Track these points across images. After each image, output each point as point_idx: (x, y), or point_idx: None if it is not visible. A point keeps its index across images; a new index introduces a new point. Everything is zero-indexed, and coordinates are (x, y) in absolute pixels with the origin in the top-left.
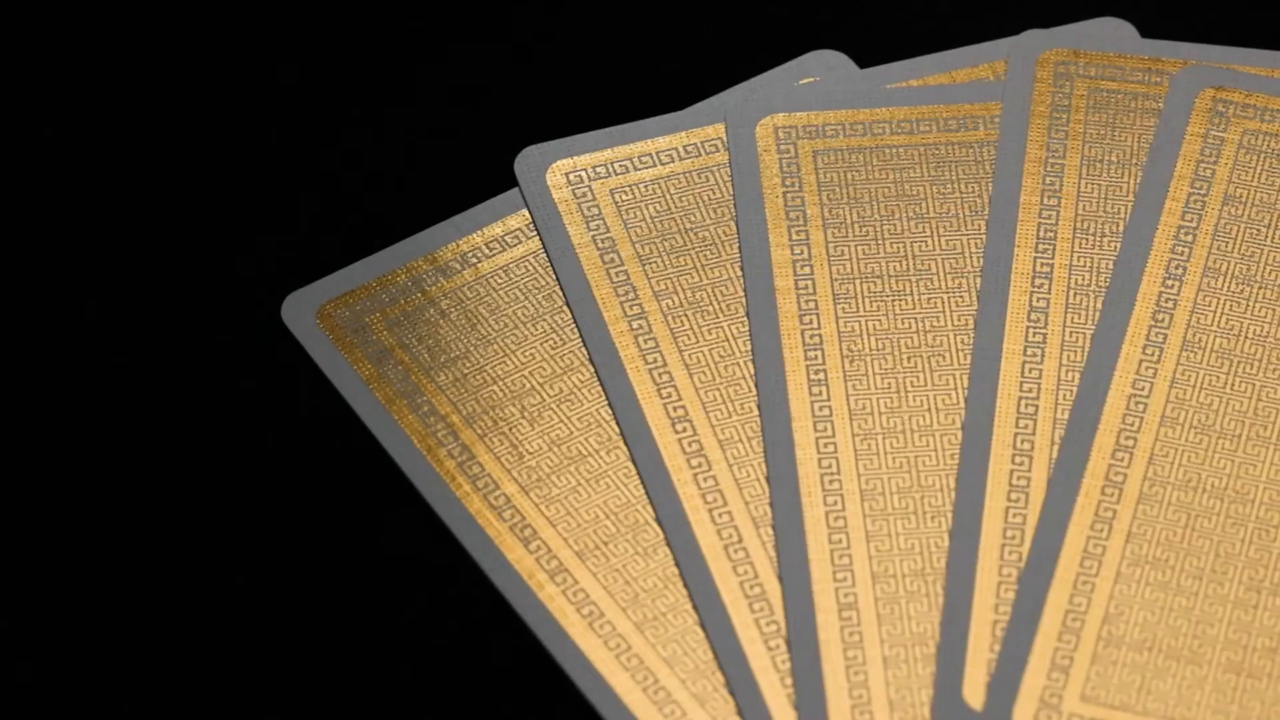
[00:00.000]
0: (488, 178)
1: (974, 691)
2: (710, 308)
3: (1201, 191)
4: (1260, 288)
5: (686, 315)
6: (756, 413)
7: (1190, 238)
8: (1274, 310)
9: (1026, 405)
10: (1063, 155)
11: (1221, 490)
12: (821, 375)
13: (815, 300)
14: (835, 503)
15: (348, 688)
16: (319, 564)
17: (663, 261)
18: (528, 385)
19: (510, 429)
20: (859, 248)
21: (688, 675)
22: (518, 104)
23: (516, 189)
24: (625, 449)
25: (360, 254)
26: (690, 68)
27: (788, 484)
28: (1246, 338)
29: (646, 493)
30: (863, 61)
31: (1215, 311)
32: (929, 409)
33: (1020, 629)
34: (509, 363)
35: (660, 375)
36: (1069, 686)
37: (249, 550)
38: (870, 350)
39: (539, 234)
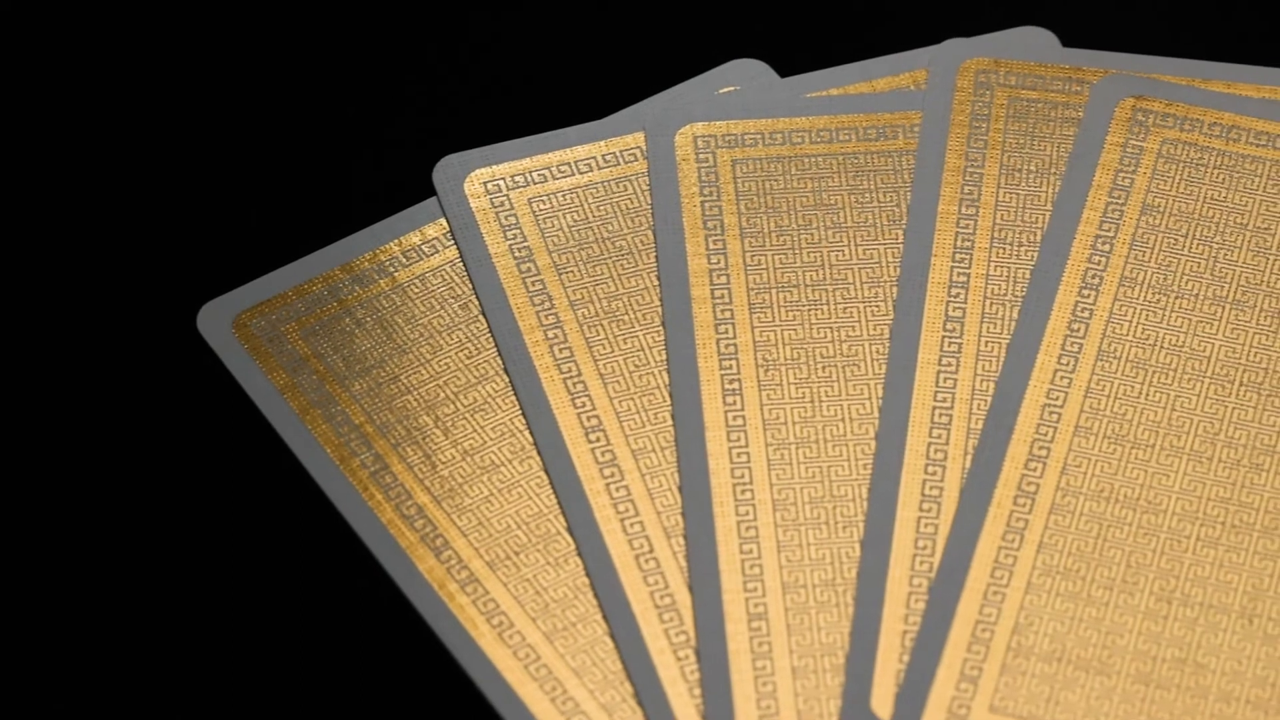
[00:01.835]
0: (407, 186)
1: (882, 702)
2: (626, 317)
3: (1120, 201)
4: (1176, 297)
5: (602, 325)
6: (670, 422)
7: (1107, 247)
8: (1189, 320)
9: (940, 415)
10: (981, 164)
11: (1134, 500)
12: (736, 385)
13: (731, 310)
14: (747, 513)
15: (248, 698)
16: (229, 573)
17: (579, 271)
18: (442, 395)
19: (424, 438)
20: (776, 257)
21: (596, 685)
22: (438, 112)
23: (435, 198)
24: (538, 459)
25: (277, 263)
26: (612, 76)
27: (700, 494)
28: (1161, 347)
29: (559, 503)
30: (784, 70)
31: (1131, 321)
32: (843, 418)
33: (929, 639)
34: (423, 372)
35: (574, 385)
36: (977, 697)
37: (160, 561)
38: (785, 360)
39: (456, 243)
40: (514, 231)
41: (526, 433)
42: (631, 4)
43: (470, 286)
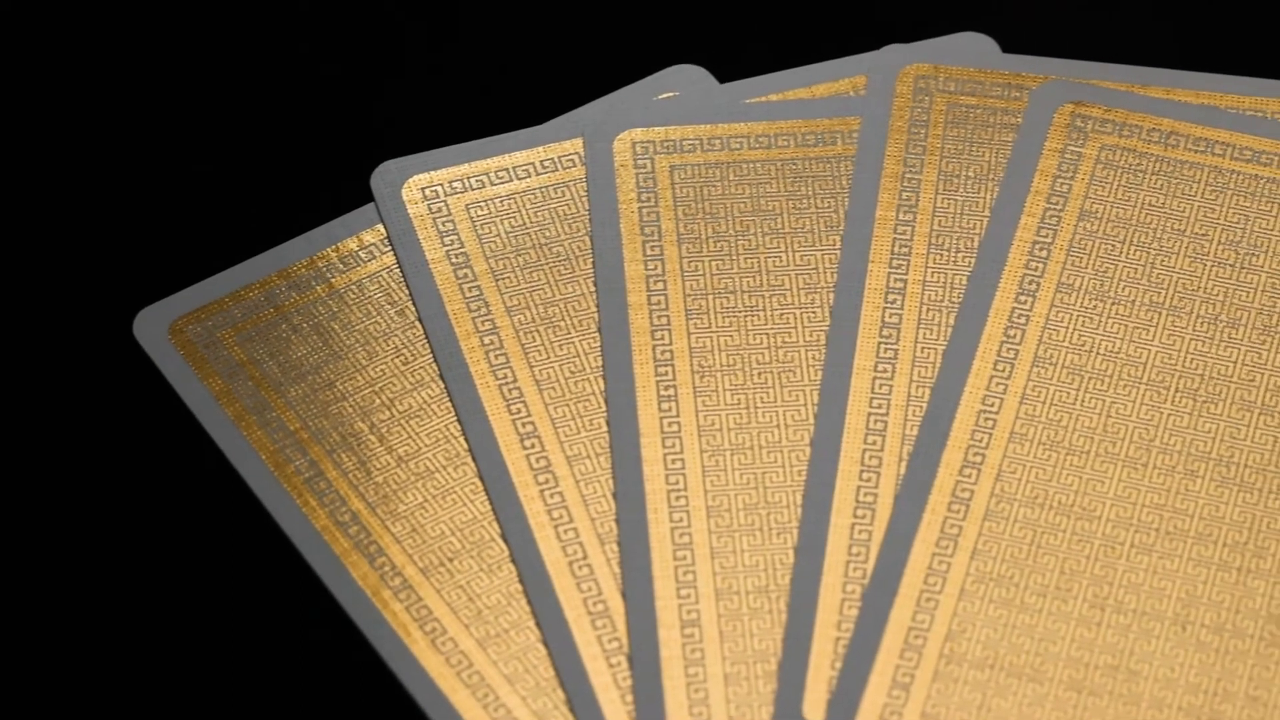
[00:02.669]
0: (345, 192)
1: (814, 709)
2: (563, 323)
3: (1057, 207)
4: (1113, 303)
5: (538, 331)
6: (606, 429)
7: (1045, 253)
8: (1125, 326)
9: (876, 421)
10: (920, 170)
11: (1068, 507)
12: (672, 391)
13: (668, 316)
14: (681, 519)
15: (182, 703)
16: (163, 579)
17: (516, 277)
18: (377, 401)
19: (359, 445)
20: (713, 263)
21: (528, 692)
22: (377, 118)
23: (373, 204)
24: (473, 465)
25: (214, 269)
26: (551, 82)
27: (634, 500)
28: (1097, 353)
29: (493, 509)
30: (724, 76)
31: (1067, 327)
32: (778, 425)
33: (862, 646)
34: (359, 378)
35: (510, 391)
36: (909, 704)
37: (94, 566)
38: (721, 366)
39: (393, 249)
40: (451, 238)
41: (462, 439)
42: (571, 10)
43: (407, 293)
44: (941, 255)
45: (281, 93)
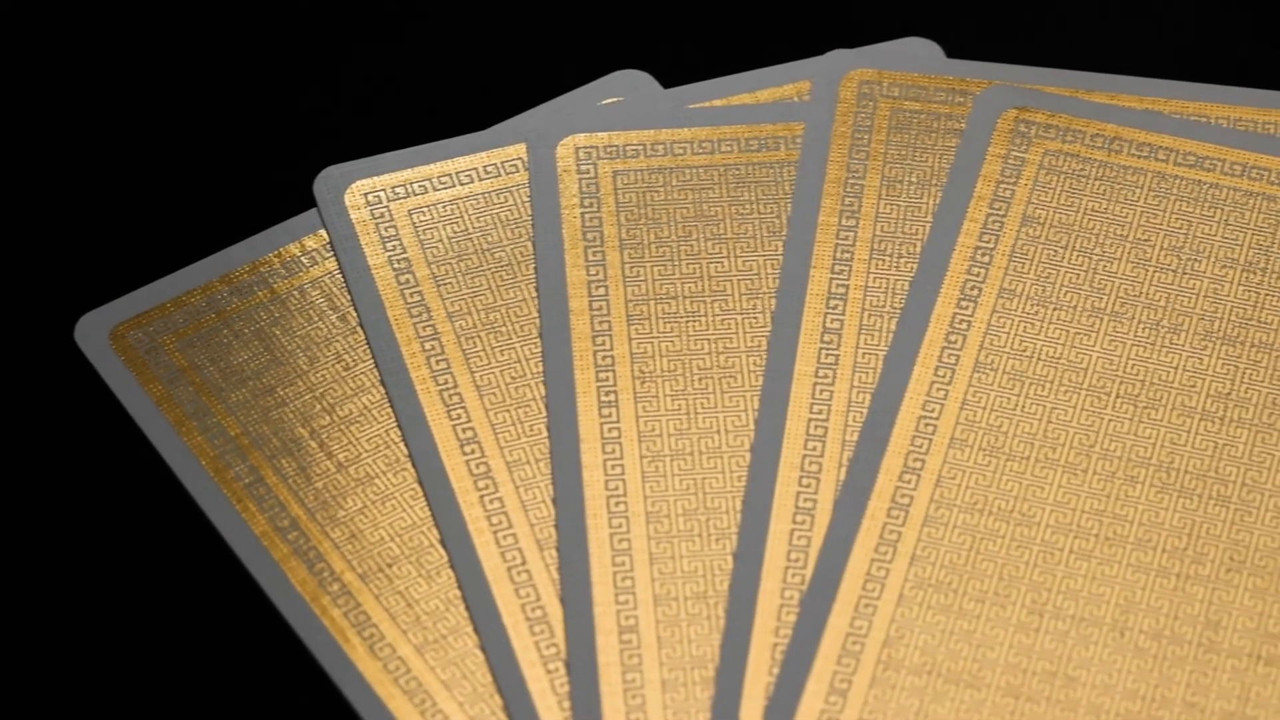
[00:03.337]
0: (288, 198)
1: (751, 715)
2: (504, 329)
3: (1000, 213)
4: (1054, 309)
5: (480, 336)
6: (546, 434)
7: (987, 259)
8: (1067, 331)
9: (816, 427)
10: (863, 176)
11: (1007, 512)
12: (612, 397)
13: (609, 321)
14: (620, 525)
15: (122, 708)
16: (102, 584)
17: (458, 282)
18: (318, 407)
19: (299, 450)
20: (655, 269)
21: (466, 698)
22: (320, 124)
23: (315, 209)
24: (414, 471)
25: (156, 274)
26: (496, 87)
27: (574, 506)
28: (1038, 359)
29: (433, 515)
30: (668, 81)
31: (1008, 333)
32: (718, 430)
33: (799, 652)
34: (300, 384)
35: (450, 397)
36: (847, 710)
37: (32, 571)
38: (662, 371)
39: (335, 255)
40: (394, 243)
41: (402, 445)
42: (516, 15)
43: (349, 298)
44: (884, 261)
45: (225, 97)
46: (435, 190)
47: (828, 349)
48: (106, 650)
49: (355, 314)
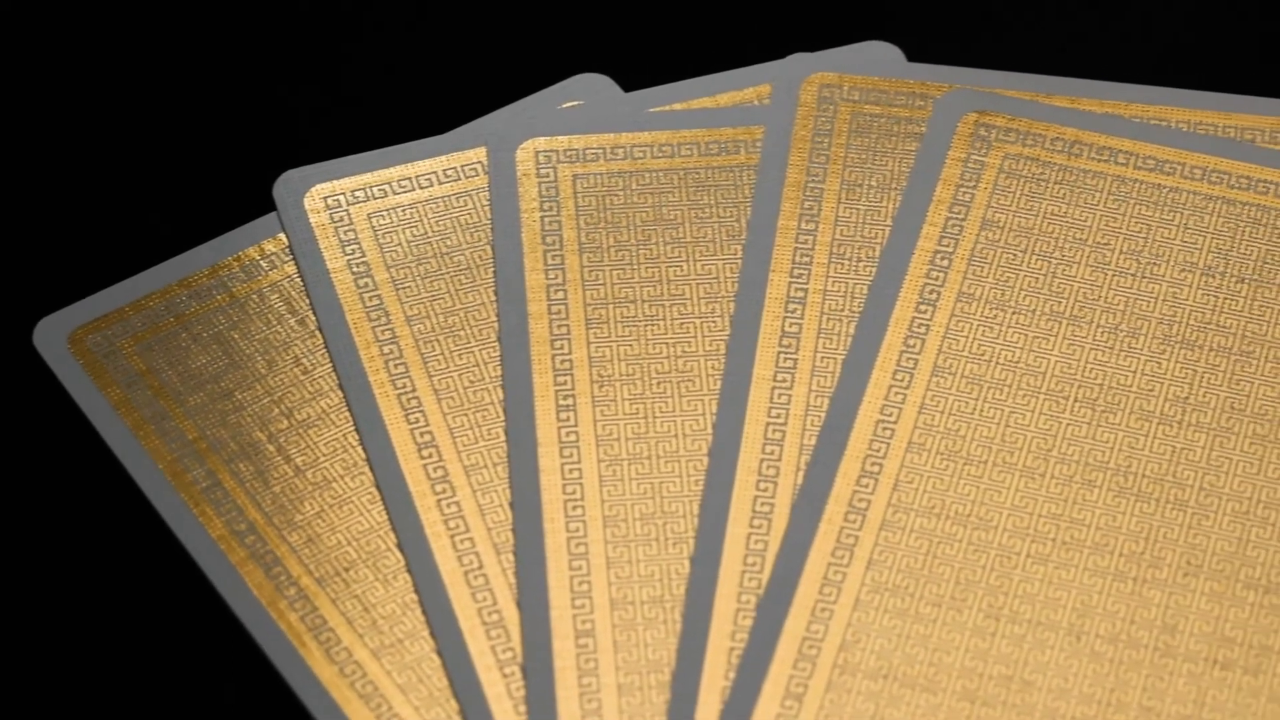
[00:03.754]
0: (247, 201)
1: (706, 719)
2: (463, 333)
3: (959, 216)
4: (1013, 313)
5: (438, 340)
6: (504, 438)
7: (946, 262)
8: (1026, 335)
9: (774, 431)
10: (822, 180)
11: (965, 517)
12: (570, 401)
13: (568, 325)
14: (578, 529)
15: (78, 712)
16: (60, 588)
17: (417, 286)
18: (276, 411)
19: (256, 454)
20: (614, 272)
21: (422, 702)
22: (280, 127)
23: (275, 213)
24: (371, 474)
25: (115, 278)
26: (456, 90)
27: (531, 510)
28: (997, 363)
29: (390, 519)
30: (628, 85)
31: (967, 337)
32: (676, 434)
33: (755, 656)
34: (258, 388)
35: (409, 400)
36: (802, 714)
37: None
38: (620, 375)
39: (294, 259)
40: (353, 247)
41: (360, 448)
42: (476, 18)
43: (308, 302)
44: (843, 265)
45: (185, 100)
46: (395, 194)
47: (786, 353)
48: (63, 653)
49: (314, 318)
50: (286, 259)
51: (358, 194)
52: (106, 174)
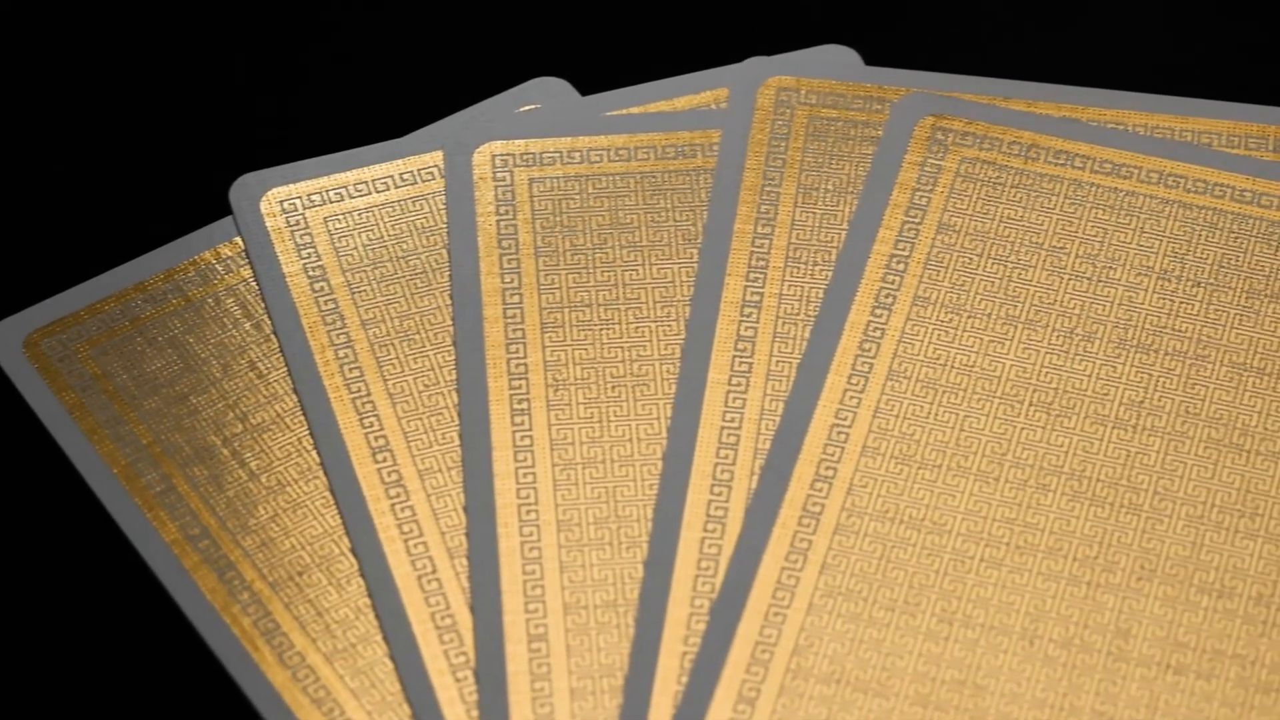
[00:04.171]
0: (203, 205)
1: None
2: (418, 337)
3: (916, 220)
4: (969, 316)
5: (393, 344)
6: (459, 442)
7: (902, 266)
8: (981, 339)
9: (728, 435)
10: (779, 183)
11: (918, 521)
12: (525, 405)
13: (523, 329)
14: (531, 533)
15: (23, 715)
16: (11, 592)
17: (372, 290)
18: (231, 415)
19: (211, 458)
20: (570, 276)
21: (374, 707)
22: (236, 130)
23: (231, 216)
24: (325, 479)
25: (70, 282)
26: (412, 94)
27: (484, 514)
28: (952, 367)
29: (344, 523)
30: (586, 89)
31: (922, 341)
32: (631, 439)
33: (708, 661)
34: (213, 392)
35: (363, 405)
36: (755, 719)
37: None
38: (575, 379)
39: (250, 262)
40: (309, 251)
41: (315, 452)
42: (434, 22)
43: (264, 306)
44: (799, 268)
45: (140, 105)
46: (351, 198)
47: (741, 357)
48: (15, 657)
49: (270, 322)
50: (242, 263)
51: (314, 198)
52: (62, 178)
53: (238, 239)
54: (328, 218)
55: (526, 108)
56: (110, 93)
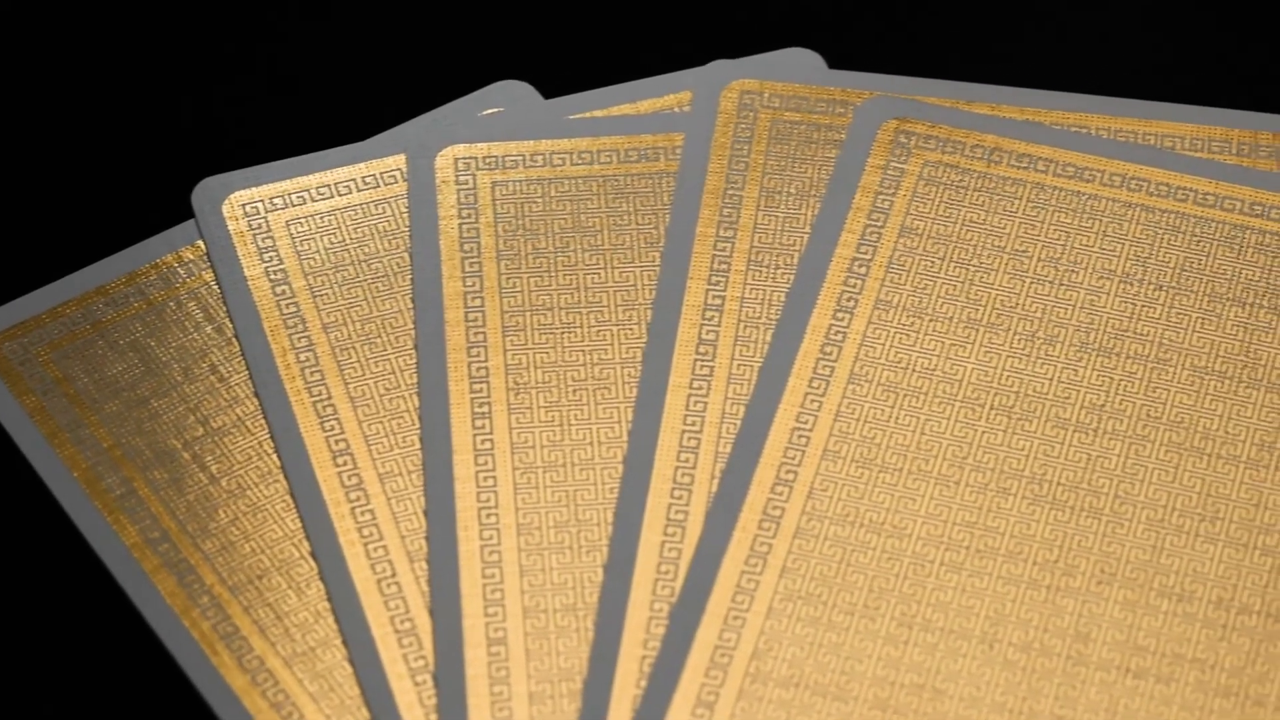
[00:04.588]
0: (165, 208)
1: None
2: (379, 340)
3: (878, 224)
4: (930, 320)
5: (355, 348)
6: (419, 446)
7: (864, 270)
8: (942, 343)
9: (689, 439)
10: (741, 187)
11: (879, 524)
12: (486, 408)
13: (484, 333)
14: (491, 537)
15: None
16: None
17: (334, 294)
18: (191, 419)
19: (171, 462)
20: (532, 280)
21: (334, 711)
22: (199, 134)
23: (193, 220)
24: (286, 482)
25: (31, 286)
26: (376, 97)
27: (444, 517)
28: (913, 370)
29: (303, 526)
30: (549, 92)
31: (884, 344)
32: (591, 442)
33: (667, 664)
34: (174, 395)
35: (324, 408)
36: None
37: None
38: (537, 383)
39: (212, 266)
40: (270, 254)
41: (275, 456)
42: (397, 25)
43: (226, 310)
44: (761, 272)
45: (102, 108)
46: (314, 201)
47: (703, 360)
48: None
49: (231, 325)
50: (204, 266)
51: (276, 201)
52: (23, 181)
53: (200, 242)
54: (290, 221)
55: (490, 111)
56: (72, 96)
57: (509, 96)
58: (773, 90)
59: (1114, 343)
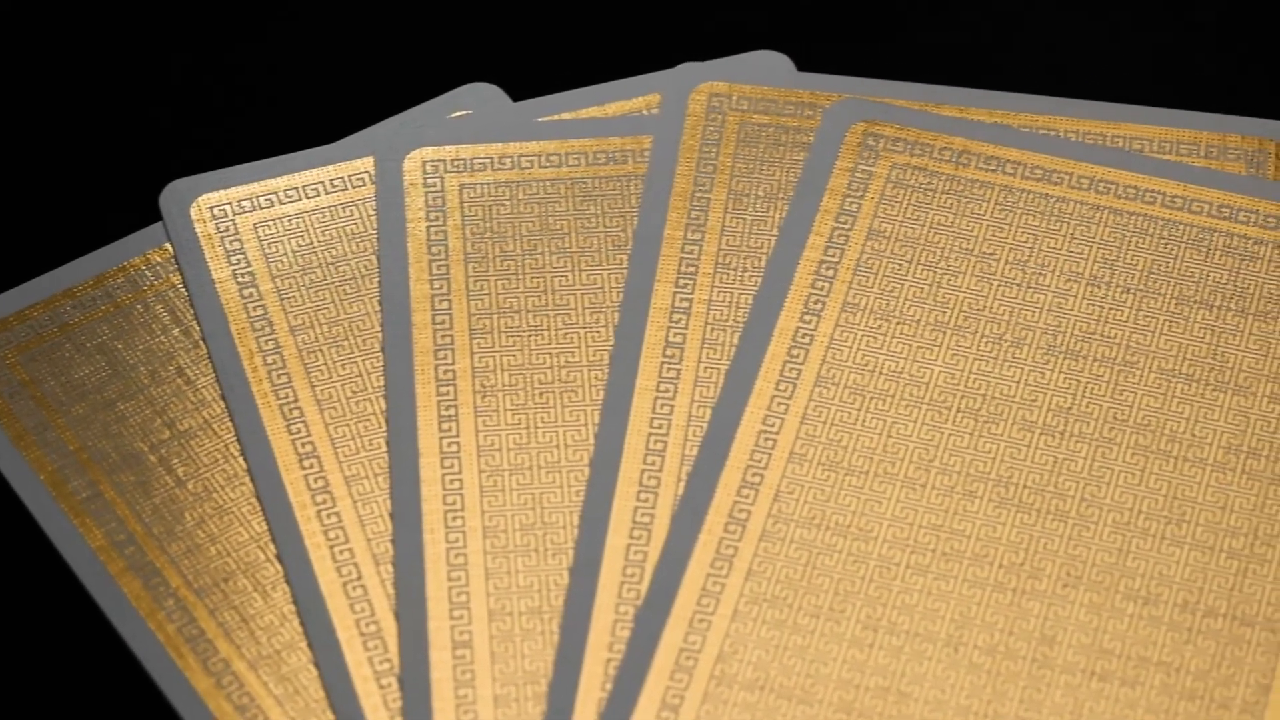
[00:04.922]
0: (133, 211)
1: None
2: (346, 343)
3: (846, 226)
4: (898, 323)
5: (322, 350)
6: (386, 449)
7: (831, 272)
8: (909, 345)
9: (655, 442)
10: (710, 189)
11: (845, 527)
12: (453, 411)
13: (452, 335)
14: (457, 540)
15: None
16: None
17: (301, 296)
18: (158, 421)
19: (138, 465)
20: (499, 283)
21: (298, 714)
22: (168, 136)
23: (161, 222)
24: (252, 485)
25: None
26: (344, 100)
27: (410, 520)
28: (880, 373)
29: (270, 529)
30: (518, 95)
31: (851, 347)
32: (558, 445)
33: (632, 667)
34: (141, 398)
35: (291, 411)
36: None
37: None
38: (503, 386)
39: (179, 268)
40: (238, 257)
41: (242, 459)
42: (366, 27)
43: (193, 312)
44: (728, 275)
45: (71, 109)
46: (281, 204)
47: (670, 363)
48: None
49: (198, 328)
50: (172, 269)
51: (244, 204)
52: None
53: (168, 245)
54: (258, 224)
55: (458, 113)
56: (40, 98)
57: (478, 99)
58: (741, 93)
59: (1081, 345)
